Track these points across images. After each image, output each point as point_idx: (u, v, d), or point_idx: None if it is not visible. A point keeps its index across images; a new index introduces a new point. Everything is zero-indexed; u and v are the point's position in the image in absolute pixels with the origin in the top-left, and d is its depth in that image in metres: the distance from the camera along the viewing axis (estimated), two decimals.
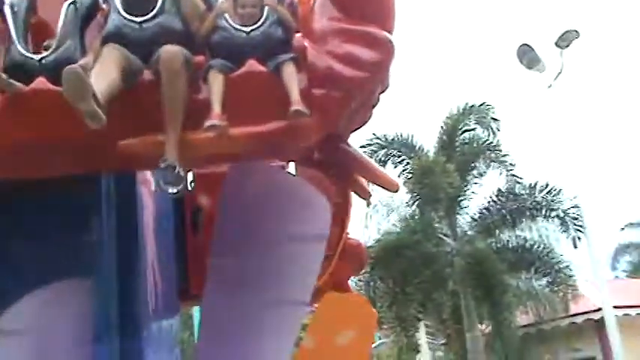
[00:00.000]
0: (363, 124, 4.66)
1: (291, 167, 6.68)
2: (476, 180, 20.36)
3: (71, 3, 4.26)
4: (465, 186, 20.13)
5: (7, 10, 4.19)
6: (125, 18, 4.11)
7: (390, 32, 4.34)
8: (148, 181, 5.16)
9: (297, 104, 3.90)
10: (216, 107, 3.91)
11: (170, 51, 3.90)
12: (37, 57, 4.06)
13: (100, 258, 4.68)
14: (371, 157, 16.92)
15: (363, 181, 4.78)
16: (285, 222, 5.37)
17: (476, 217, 20.53)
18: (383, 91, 4.48)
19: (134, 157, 4.13)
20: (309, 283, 5.84)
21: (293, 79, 4.04)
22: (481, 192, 20.45)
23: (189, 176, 6.46)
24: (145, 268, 4.93)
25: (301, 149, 4.42)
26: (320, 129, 4.17)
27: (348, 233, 6.63)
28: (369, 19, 4.31)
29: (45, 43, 4.21)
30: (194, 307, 8.93)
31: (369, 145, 19.68)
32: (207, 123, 3.85)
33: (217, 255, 5.42)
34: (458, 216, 20.43)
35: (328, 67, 4.15)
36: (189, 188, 6.44)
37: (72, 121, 3.86)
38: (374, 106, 4.58)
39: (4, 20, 4.17)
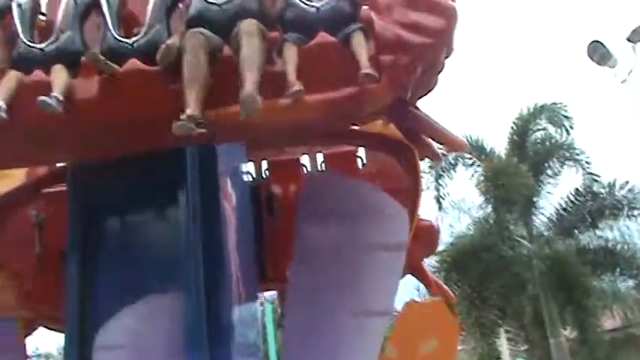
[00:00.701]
0: (430, 90, 4.85)
1: (362, 152, 6.94)
2: (550, 180, 19.96)
3: None
4: (540, 186, 19.77)
5: (103, 2, 4.64)
6: (207, 1, 4.49)
7: (452, 0, 4.54)
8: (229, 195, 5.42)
9: (366, 68, 4.15)
10: (292, 76, 4.20)
11: (248, 21, 4.27)
12: (129, 41, 4.49)
13: (189, 271, 4.87)
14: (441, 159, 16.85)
15: (432, 143, 4.96)
16: (364, 233, 5.60)
17: (553, 218, 20.10)
18: (447, 57, 4.66)
19: (214, 129, 4.47)
20: (391, 292, 6.00)
21: (361, 47, 4.29)
22: (557, 192, 20.02)
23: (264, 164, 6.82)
24: (231, 278, 5.13)
25: (372, 114, 4.65)
26: (389, 93, 4.40)
27: (419, 215, 6.77)
28: None
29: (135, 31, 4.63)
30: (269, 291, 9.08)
31: (439, 148, 19.59)
32: (289, 89, 4.14)
33: (297, 267, 5.67)
34: (534, 217, 20.06)
35: (395, 35, 4.38)
36: (264, 176, 6.81)
37: (160, 98, 4.28)
38: (439, 72, 4.77)
39: (102, 12, 4.62)
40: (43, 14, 5.05)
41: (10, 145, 4.57)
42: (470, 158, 19.91)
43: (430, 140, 4.92)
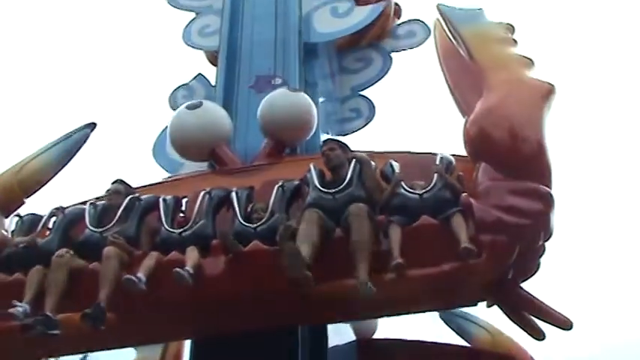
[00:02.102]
0: (533, 274, 5.02)
1: None
2: None
3: (280, 186, 5.40)
4: None
5: (233, 196, 5.40)
6: (322, 191, 5.13)
7: (549, 187, 4.90)
8: None
9: (465, 242, 4.47)
10: (396, 251, 4.60)
11: (357, 205, 4.81)
12: (253, 226, 5.12)
13: None
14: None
15: (535, 320, 4.99)
16: None
17: None
18: (547, 240, 4.89)
19: (328, 304, 4.83)
20: None
21: (461, 226, 4.67)
22: None
23: None
24: None
25: (474, 292, 4.85)
26: (489, 269, 4.64)
27: None
28: (530, 177, 4.94)
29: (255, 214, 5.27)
30: None
31: None
32: (392, 263, 4.51)
33: None
34: None
35: (494, 217, 4.75)
36: None
37: (280, 276, 4.77)
38: (541, 256, 4.97)
39: (232, 205, 5.35)
40: (182, 212, 5.84)
41: (145, 321, 5.14)
42: None
43: (533, 318, 4.96)
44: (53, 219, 5.64)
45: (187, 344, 6.19)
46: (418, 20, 8.60)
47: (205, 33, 7.90)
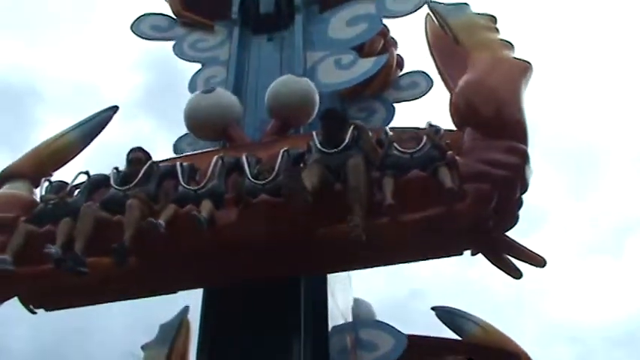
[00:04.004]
0: (513, 225, 5.57)
1: None
2: None
3: (285, 151, 6.00)
4: None
5: (243, 160, 5.99)
6: (323, 152, 5.73)
7: (525, 144, 5.49)
8: None
9: (449, 184, 5.05)
10: (388, 196, 5.17)
11: (355, 159, 5.42)
12: (261, 183, 5.70)
13: None
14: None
15: (513, 260, 5.53)
16: None
17: None
18: (523, 192, 5.46)
19: (326, 250, 5.39)
20: None
21: (446, 175, 5.25)
22: None
23: None
24: None
25: (459, 240, 5.40)
26: (471, 214, 5.20)
27: None
28: (509, 137, 5.54)
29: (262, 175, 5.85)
30: None
31: None
32: (384, 204, 5.08)
33: None
34: None
35: (476, 169, 5.33)
36: None
37: (282, 221, 5.34)
38: (519, 207, 5.53)
39: (242, 168, 5.94)
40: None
41: (163, 267, 5.69)
42: None
43: (512, 258, 5.50)
44: (79, 181, 6.25)
45: (194, 346, 6.76)
46: (420, 71, 8.96)
47: (211, 84, 7.84)
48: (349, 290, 7.63)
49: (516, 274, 5.60)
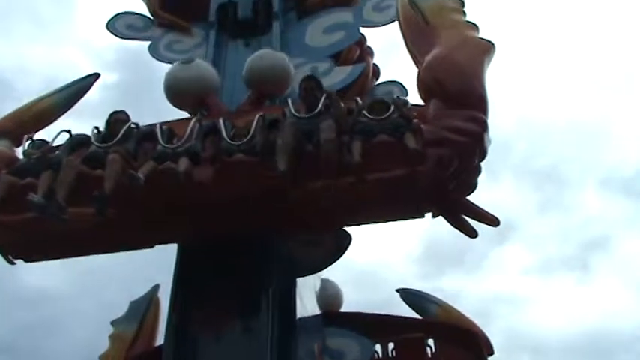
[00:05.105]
0: (472, 190, 5.97)
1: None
2: None
3: (260, 116, 6.31)
4: None
5: (220, 122, 6.29)
6: (297, 117, 6.07)
7: (485, 115, 5.90)
8: None
9: (413, 146, 5.44)
10: (356, 155, 5.54)
11: (327, 122, 5.78)
12: (236, 143, 6.01)
13: None
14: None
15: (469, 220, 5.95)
16: None
17: None
18: (481, 160, 5.86)
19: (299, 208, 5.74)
20: None
21: (410, 139, 5.63)
22: None
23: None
24: None
25: (421, 202, 5.78)
26: (432, 176, 5.58)
27: None
28: (470, 108, 5.93)
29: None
30: None
31: None
32: (352, 162, 5.45)
33: None
34: None
35: (438, 135, 5.71)
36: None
37: (256, 180, 5.67)
38: (477, 174, 5.93)
39: (219, 130, 6.23)
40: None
41: (141, 220, 5.97)
42: None
43: (467, 218, 5.91)
44: (60, 139, 6.49)
45: (162, 322, 7.01)
46: (396, 81, 9.26)
47: None
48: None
49: (472, 234, 5.99)
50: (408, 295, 10.80)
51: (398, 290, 10.94)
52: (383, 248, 27.16)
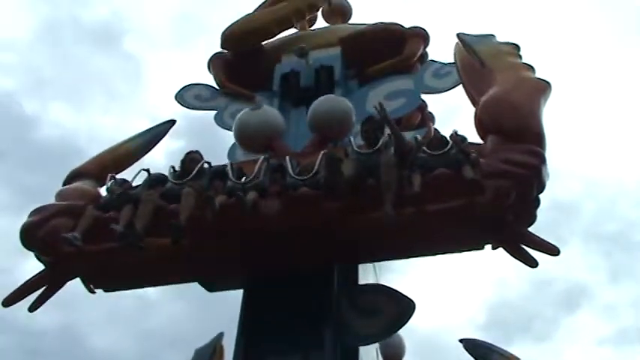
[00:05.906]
0: (532, 221, 6.08)
1: None
2: None
3: (324, 154, 6.66)
4: None
5: (287, 165, 6.67)
6: (360, 153, 6.41)
7: (542, 148, 6.06)
8: None
9: (471, 176, 5.65)
10: (416, 185, 5.79)
11: (387, 157, 6.09)
12: (302, 178, 6.37)
13: None
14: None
15: (529, 250, 6.01)
16: None
17: None
18: (540, 192, 5.99)
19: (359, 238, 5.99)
20: None
21: (468, 171, 5.86)
22: None
23: None
24: None
25: (479, 225, 5.93)
26: (491, 207, 5.75)
27: None
28: (527, 142, 6.11)
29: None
30: None
31: None
32: (412, 191, 5.71)
33: None
34: None
35: (496, 167, 5.90)
36: None
37: (319, 213, 5.98)
38: (536, 207, 6.05)
39: (285, 167, 6.61)
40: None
41: (210, 250, 6.35)
42: None
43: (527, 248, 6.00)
44: (140, 178, 7.02)
45: None
46: None
47: None
48: None
49: (532, 263, 6.06)
50: (471, 345, 10.65)
51: (461, 340, 10.81)
52: (445, 314, 26.54)
